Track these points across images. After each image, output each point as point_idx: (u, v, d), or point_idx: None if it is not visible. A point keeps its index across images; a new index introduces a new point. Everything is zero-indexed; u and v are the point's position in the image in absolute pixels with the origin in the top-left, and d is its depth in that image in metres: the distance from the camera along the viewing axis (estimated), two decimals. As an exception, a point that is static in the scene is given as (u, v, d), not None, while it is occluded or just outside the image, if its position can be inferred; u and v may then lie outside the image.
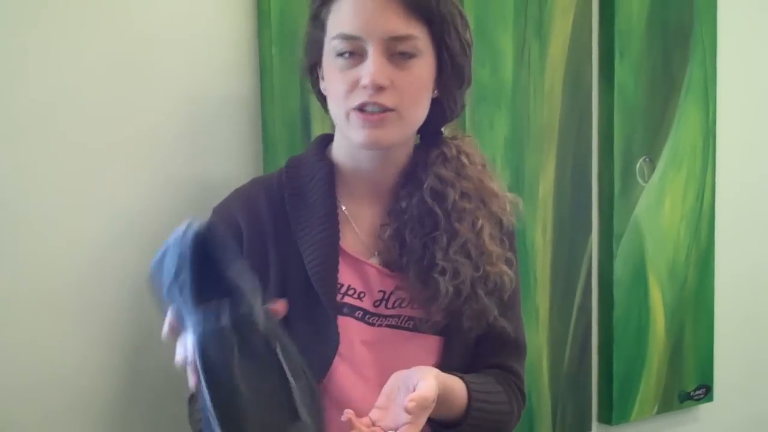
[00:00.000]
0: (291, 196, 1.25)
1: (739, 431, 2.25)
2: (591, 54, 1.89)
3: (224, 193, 1.30)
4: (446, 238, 1.23)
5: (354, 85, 1.17)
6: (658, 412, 2.05)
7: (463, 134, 1.34)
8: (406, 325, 1.25)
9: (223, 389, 0.89)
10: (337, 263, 1.22)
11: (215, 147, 1.46)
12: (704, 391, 2.12)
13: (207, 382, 0.89)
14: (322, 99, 1.26)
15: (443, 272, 1.23)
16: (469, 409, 1.21)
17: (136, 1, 1.38)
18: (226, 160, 1.47)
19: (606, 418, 1.96)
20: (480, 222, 1.25)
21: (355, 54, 1.17)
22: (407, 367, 1.20)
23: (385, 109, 1.17)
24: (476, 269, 1.24)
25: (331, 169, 1.26)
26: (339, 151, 1.27)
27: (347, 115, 1.19)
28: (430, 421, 1.16)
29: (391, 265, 1.26)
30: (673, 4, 1.98)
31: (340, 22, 1.17)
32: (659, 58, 1.97)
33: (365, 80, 1.15)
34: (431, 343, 1.27)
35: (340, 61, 1.18)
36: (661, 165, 2.00)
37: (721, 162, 2.12)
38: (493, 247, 1.26)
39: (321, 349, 1.20)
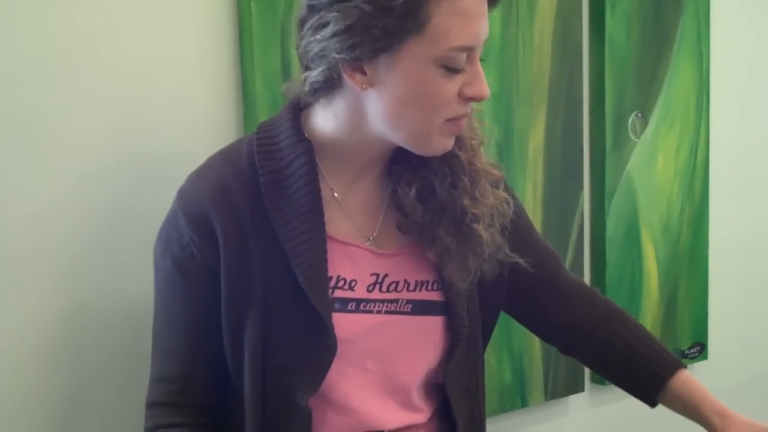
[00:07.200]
0: (267, 183, 1.11)
1: (733, 389, 2.21)
2: (581, 6, 1.85)
3: (206, 156, 1.20)
4: (469, 181, 1.15)
5: (454, 98, 1.07)
6: (652, 371, 2.03)
7: None
8: (404, 309, 1.17)
9: None
10: (325, 261, 1.11)
11: (194, 107, 1.42)
12: (699, 349, 2.10)
13: None
14: (347, 95, 1.09)
15: (476, 219, 1.15)
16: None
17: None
18: (206, 120, 1.43)
19: (599, 378, 1.94)
20: (484, 155, 1.20)
21: None
22: (410, 351, 1.17)
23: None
24: (492, 206, 1.17)
25: (312, 154, 1.12)
26: (327, 128, 1.13)
27: (439, 126, 1.08)
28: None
29: (389, 243, 1.18)
30: (665, -45, 1.94)
31: (459, 30, 1.03)
32: (651, 10, 1.92)
33: (479, 93, 1.07)
34: (433, 325, 1.19)
35: (441, 71, 1.05)
36: (653, 120, 1.96)
37: (715, 117, 2.08)
38: (495, 171, 1.20)
39: (317, 355, 1.11)
